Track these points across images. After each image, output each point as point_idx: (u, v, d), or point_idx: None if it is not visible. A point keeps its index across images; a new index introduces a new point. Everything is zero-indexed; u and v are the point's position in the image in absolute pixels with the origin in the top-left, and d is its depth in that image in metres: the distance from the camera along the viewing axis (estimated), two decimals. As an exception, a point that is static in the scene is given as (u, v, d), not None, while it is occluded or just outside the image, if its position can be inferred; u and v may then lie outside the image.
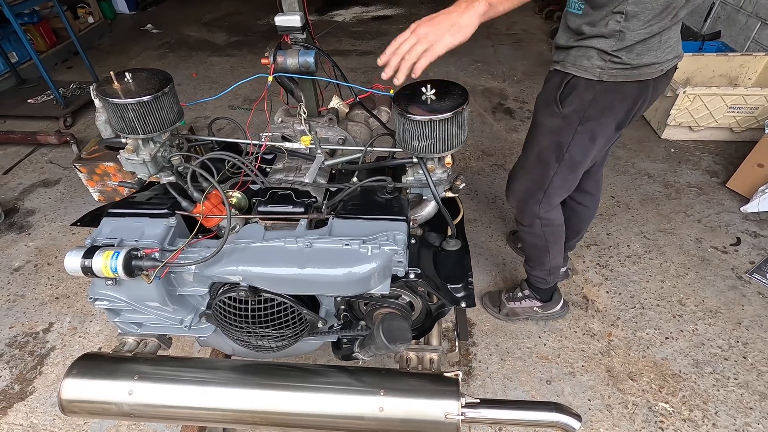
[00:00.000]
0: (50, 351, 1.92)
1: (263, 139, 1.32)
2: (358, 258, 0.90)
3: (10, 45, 3.97)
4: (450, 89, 1.04)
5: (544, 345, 1.86)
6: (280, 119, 1.47)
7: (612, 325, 1.92)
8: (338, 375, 1.06)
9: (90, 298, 1.01)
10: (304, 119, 1.37)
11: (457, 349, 1.16)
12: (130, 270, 0.90)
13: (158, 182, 1.31)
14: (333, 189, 1.26)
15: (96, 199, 2.71)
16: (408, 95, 1.03)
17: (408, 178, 1.11)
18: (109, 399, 1.04)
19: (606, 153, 1.64)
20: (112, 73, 1.10)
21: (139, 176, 1.26)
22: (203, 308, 1.09)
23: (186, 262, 0.93)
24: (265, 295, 0.96)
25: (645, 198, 2.57)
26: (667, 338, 1.86)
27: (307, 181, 1.25)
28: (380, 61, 1.00)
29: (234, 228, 1.09)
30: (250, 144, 1.31)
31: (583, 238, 2.33)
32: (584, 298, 2.04)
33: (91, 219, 1.20)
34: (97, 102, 2.56)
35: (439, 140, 1.00)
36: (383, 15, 5.48)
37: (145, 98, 1.09)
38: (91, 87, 2.61)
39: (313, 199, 1.07)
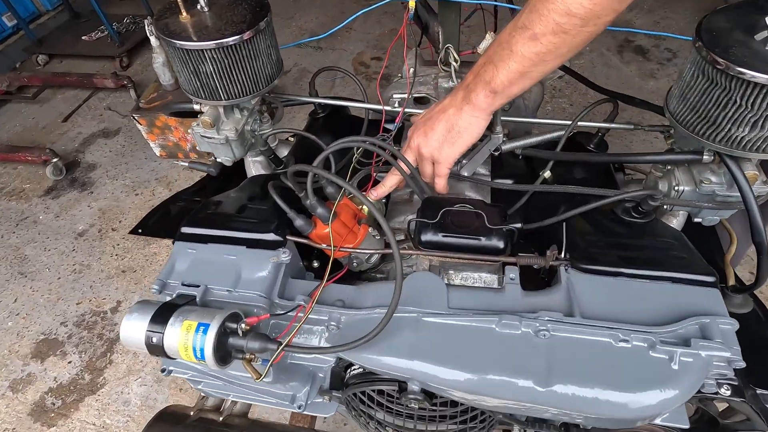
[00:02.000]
0: (119, 335, 1.71)
1: (396, 104, 0.86)
2: (650, 371, 0.46)
3: (61, -27, 3.61)
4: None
5: None
6: (411, 70, 0.99)
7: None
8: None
9: (162, 370, 0.65)
10: (456, 70, 0.89)
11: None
12: (225, 355, 0.52)
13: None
14: (506, 189, 0.80)
15: (158, 154, 2.41)
16: (725, 30, 0.52)
17: (681, 187, 0.62)
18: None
19: None
20: (176, -5, 0.65)
21: (218, 159, 0.86)
22: (322, 375, 0.71)
23: (319, 347, 0.53)
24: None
25: None
26: None
27: (465, 174, 0.79)
28: None
29: (370, 258, 0.68)
30: (380, 110, 0.85)
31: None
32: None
33: (154, 225, 0.83)
34: (153, 40, 2.17)
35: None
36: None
37: (231, 40, 0.65)
38: (146, 21, 2.21)
39: (519, 225, 0.61)
